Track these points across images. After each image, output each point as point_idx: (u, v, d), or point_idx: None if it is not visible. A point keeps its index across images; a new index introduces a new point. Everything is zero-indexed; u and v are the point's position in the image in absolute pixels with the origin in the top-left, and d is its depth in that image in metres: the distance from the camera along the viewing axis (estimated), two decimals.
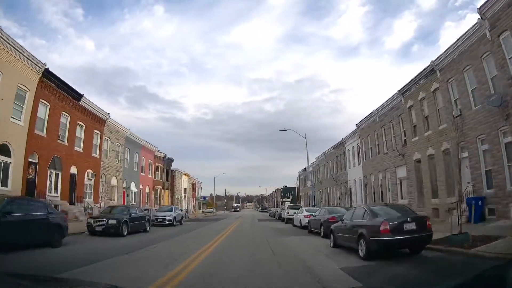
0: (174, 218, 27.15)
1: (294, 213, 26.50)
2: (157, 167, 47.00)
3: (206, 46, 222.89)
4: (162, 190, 49.13)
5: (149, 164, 43.25)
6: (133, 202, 36.64)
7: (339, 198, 38.03)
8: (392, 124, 25.28)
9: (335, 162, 41.16)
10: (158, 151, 46.24)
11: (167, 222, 26.26)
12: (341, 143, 37.53)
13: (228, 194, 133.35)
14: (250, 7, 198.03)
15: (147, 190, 42.10)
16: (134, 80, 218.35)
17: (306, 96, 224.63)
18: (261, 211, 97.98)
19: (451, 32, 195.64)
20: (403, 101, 23.11)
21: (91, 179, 27.91)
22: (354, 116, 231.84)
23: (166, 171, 51.78)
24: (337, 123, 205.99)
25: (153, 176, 45.16)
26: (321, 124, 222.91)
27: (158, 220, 26.43)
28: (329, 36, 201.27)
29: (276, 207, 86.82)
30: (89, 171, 27.62)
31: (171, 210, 28.15)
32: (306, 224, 20.69)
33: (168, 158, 51.54)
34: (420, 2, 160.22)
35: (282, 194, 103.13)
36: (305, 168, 59.77)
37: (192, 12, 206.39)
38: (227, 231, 20.87)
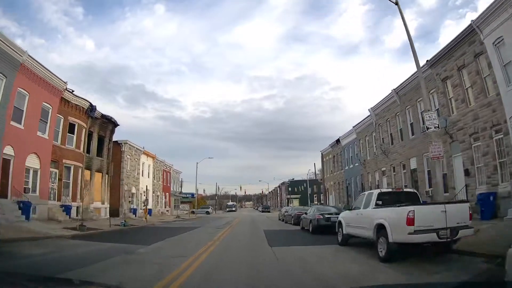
0: None
1: None
2: (73, 125, 24.61)
3: (206, 45, 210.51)
4: (88, 171, 26.79)
5: (46, 111, 20.97)
6: None
7: (468, 173, 15.66)
8: None
9: (437, 92, 18.96)
10: (71, 92, 23.84)
11: None
12: (474, 30, 15.19)
13: (221, 192, 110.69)
14: (251, 6, 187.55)
15: (31, 162, 19.75)
16: (132, 78, 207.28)
17: (306, 94, 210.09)
18: (262, 211, 75.67)
19: (451, 31, 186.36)
20: None
21: None
22: (354, 116, 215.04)
23: (99, 139, 29.29)
24: (337, 122, 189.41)
25: (58, 141, 22.86)
26: (320, 122, 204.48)
27: None
28: (330, 35, 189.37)
29: (282, 206, 66.83)
30: None
31: None
32: None
33: (104, 116, 29.02)
34: (421, 1, 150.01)
35: (290, 189, 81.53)
36: (338, 140, 37.38)
37: (193, 11, 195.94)
38: None
